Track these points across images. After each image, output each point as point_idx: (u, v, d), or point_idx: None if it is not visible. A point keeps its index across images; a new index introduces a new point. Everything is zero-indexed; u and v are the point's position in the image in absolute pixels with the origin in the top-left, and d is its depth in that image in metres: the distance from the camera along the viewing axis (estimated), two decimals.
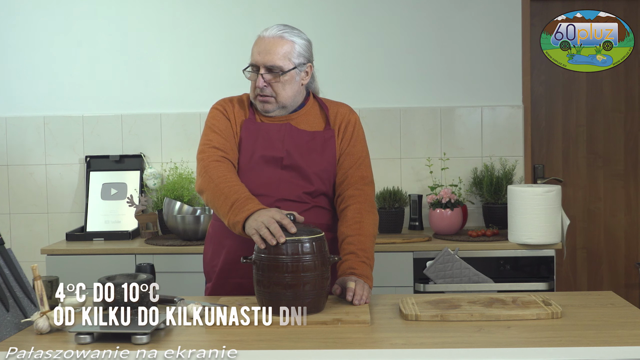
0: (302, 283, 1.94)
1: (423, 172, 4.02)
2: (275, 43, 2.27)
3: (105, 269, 3.30)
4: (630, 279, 4.20)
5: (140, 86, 4.12)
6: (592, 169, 4.19)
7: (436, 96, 4.05)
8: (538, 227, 3.35)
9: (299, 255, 1.95)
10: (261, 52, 2.28)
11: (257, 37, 2.32)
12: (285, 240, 1.95)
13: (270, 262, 1.96)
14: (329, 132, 2.36)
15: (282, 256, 1.95)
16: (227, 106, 2.38)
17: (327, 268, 2.01)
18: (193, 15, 4.10)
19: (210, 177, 2.21)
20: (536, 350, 1.69)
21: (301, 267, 1.94)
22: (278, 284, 1.94)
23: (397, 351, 1.72)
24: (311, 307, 1.95)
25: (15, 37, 4.13)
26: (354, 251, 2.22)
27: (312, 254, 1.97)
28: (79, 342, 1.77)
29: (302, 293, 1.94)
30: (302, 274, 1.94)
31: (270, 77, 2.28)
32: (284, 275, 1.94)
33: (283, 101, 2.32)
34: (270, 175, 2.30)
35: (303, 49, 2.32)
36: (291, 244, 1.96)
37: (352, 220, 2.28)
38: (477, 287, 3.37)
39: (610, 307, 2.07)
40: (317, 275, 1.97)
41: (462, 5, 4.03)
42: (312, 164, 2.32)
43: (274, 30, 2.29)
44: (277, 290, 1.94)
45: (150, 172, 3.99)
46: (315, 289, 1.97)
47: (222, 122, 2.34)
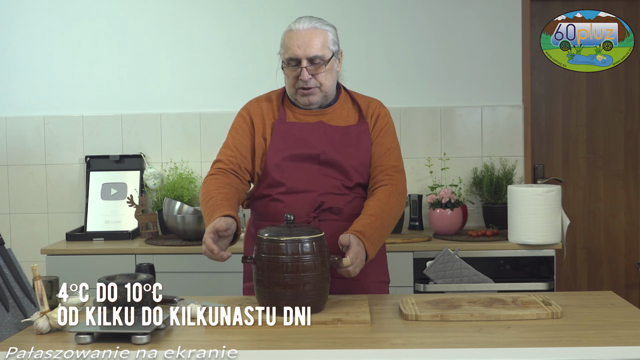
0: (302, 283, 1.94)
1: (423, 172, 4.02)
2: (312, 34, 2.33)
3: (105, 269, 3.30)
4: (630, 279, 4.20)
5: (140, 86, 4.12)
6: (592, 169, 4.19)
7: (436, 96, 4.05)
8: (538, 227, 3.35)
9: (299, 255, 1.95)
10: (300, 45, 2.31)
11: (287, 32, 2.36)
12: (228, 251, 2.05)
13: (270, 262, 1.96)
14: (363, 126, 2.40)
15: (282, 256, 1.95)
16: (253, 109, 2.42)
17: (327, 268, 2.02)
18: (193, 15, 4.10)
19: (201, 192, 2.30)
20: (536, 350, 1.69)
21: (301, 267, 1.95)
22: (278, 284, 1.95)
23: (397, 351, 1.72)
24: (311, 307, 1.95)
25: (15, 37, 4.13)
26: (372, 214, 2.24)
27: (312, 254, 1.97)
28: (79, 342, 1.77)
29: (302, 293, 1.95)
30: (302, 274, 1.94)
31: (313, 68, 2.32)
32: (284, 275, 1.94)
33: (326, 90, 2.37)
34: (309, 171, 2.33)
35: (335, 37, 2.41)
36: (291, 244, 1.96)
37: (379, 196, 2.31)
38: (477, 287, 3.37)
39: (610, 307, 2.07)
40: (317, 275, 1.97)
41: (462, 5, 4.03)
42: (349, 158, 2.34)
43: (306, 22, 2.36)
44: (277, 290, 1.95)
45: (150, 172, 3.99)
46: (315, 289, 1.97)
47: (240, 131, 2.40)
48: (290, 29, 2.36)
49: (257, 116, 2.40)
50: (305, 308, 1.89)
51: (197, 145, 4.08)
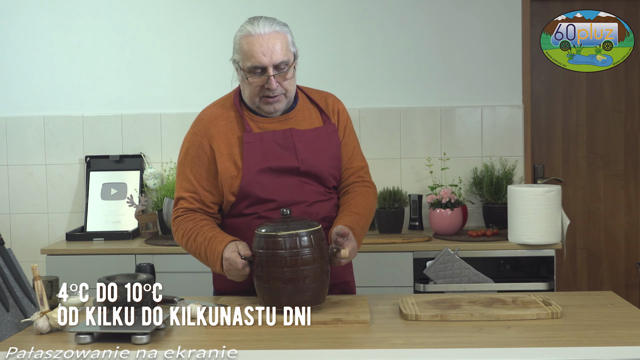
0: (302, 277, 1.95)
1: (423, 172, 4.02)
2: (274, 38, 2.16)
3: (105, 269, 3.30)
4: (630, 279, 4.20)
5: (140, 86, 4.12)
6: (592, 169, 4.19)
7: (436, 96, 4.05)
8: (538, 227, 3.35)
9: (298, 249, 1.95)
10: (266, 52, 2.14)
11: (245, 36, 2.17)
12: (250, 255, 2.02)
13: (269, 257, 1.96)
14: (331, 127, 2.31)
15: (281, 251, 1.95)
16: (210, 130, 2.22)
17: (326, 261, 2.02)
18: (193, 15, 4.10)
19: (179, 234, 2.22)
20: (536, 350, 1.69)
21: (300, 260, 1.95)
22: (277, 278, 1.95)
23: (397, 351, 1.72)
24: (312, 300, 1.96)
25: (15, 37, 4.13)
26: (358, 212, 2.23)
27: (310, 247, 1.97)
28: (79, 342, 1.77)
29: (302, 287, 1.95)
30: (301, 267, 1.95)
31: (280, 76, 2.17)
32: (283, 270, 1.95)
33: (291, 95, 2.23)
34: (292, 182, 2.22)
35: (292, 37, 2.25)
36: (289, 239, 1.95)
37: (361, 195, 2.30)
38: (477, 287, 3.37)
39: (610, 307, 2.07)
40: (317, 268, 1.97)
41: (462, 5, 4.03)
42: (324, 164, 2.26)
43: (266, 25, 2.17)
44: (277, 284, 1.95)
45: (150, 172, 3.99)
46: (315, 282, 1.97)
47: (197, 161, 2.22)
48: (250, 34, 2.17)
49: (216, 137, 2.20)
50: (305, 308, 1.89)
51: None
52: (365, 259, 3.45)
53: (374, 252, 3.47)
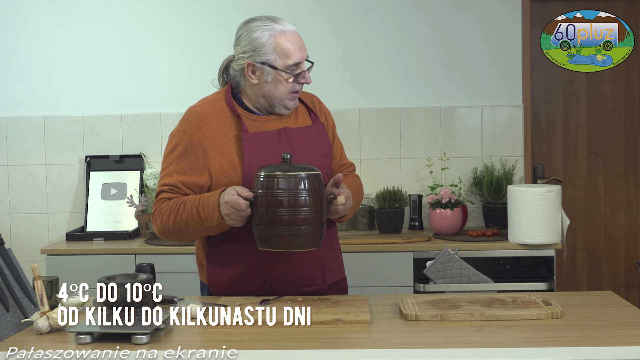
0: (299, 219, 1.99)
1: (423, 172, 4.02)
2: (298, 34, 2.21)
3: (105, 269, 3.29)
4: (630, 279, 4.20)
5: (140, 86, 4.12)
6: (592, 169, 4.19)
7: (436, 96, 4.06)
8: (538, 227, 3.35)
9: (296, 191, 1.99)
10: (300, 47, 2.17)
11: (280, 34, 2.16)
12: (252, 195, 2.02)
13: (268, 198, 2.00)
14: (321, 126, 2.32)
15: (279, 191, 1.99)
16: (203, 130, 2.18)
17: (324, 206, 2.06)
18: (193, 15, 4.10)
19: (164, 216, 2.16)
20: (536, 350, 1.69)
21: (298, 202, 1.99)
22: (275, 220, 1.99)
23: (397, 351, 1.72)
24: (308, 243, 2.02)
25: (15, 37, 4.13)
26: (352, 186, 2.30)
27: (308, 190, 2.00)
28: (79, 342, 1.77)
29: (299, 229, 2.00)
30: (299, 209, 1.99)
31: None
32: (281, 211, 1.99)
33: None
34: None
35: None
36: (288, 180, 1.99)
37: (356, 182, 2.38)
38: (477, 287, 3.37)
39: (610, 307, 2.07)
40: (314, 211, 2.01)
41: (462, 5, 4.03)
42: (318, 162, 2.25)
43: (286, 22, 2.21)
44: (274, 226, 2.00)
45: (150, 172, 3.99)
46: (312, 225, 2.01)
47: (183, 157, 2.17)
48: (283, 31, 2.17)
49: (208, 135, 2.17)
50: (306, 308, 1.89)
51: None
52: (365, 259, 3.45)
53: (374, 252, 3.47)
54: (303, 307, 1.89)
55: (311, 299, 2.14)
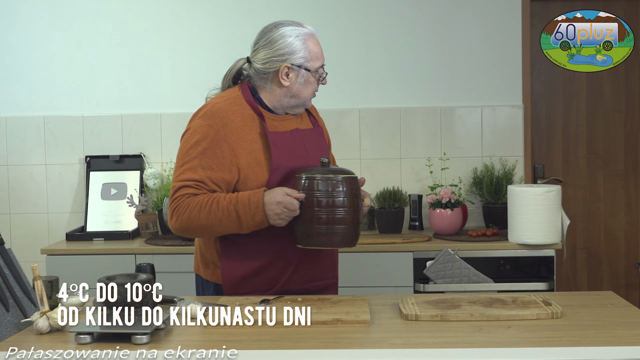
0: (336, 219, 2.12)
1: (423, 172, 4.02)
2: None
3: (105, 269, 3.29)
4: (630, 279, 4.20)
5: (140, 86, 4.12)
6: (592, 169, 4.19)
7: (436, 96, 4.06)
8: (538, 227, 3.35)
9: (333, 192, 2.13)
10: (322, 50, 2.32)
11: (310, 36, 2.27)
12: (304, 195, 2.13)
13: (307, 199, 2.12)
14: (319, 129, 2.40)
15: (317, 193, 2.12)
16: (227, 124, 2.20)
17: (359, 207, 2.17)
18: (193, 15, 4.10)
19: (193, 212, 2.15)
20: (536, 350, 1.69)
21: (334, 202, 2.12)
22: (313, 219, 2.12)
23: (397, 351, 1.72)
24: (344, 242, 2.15)
25: (15, 37, 4.13)
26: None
27: (344, 192, 2.13)
28: (79, 342, 1.77)
29: (335, 228, 2.13)
30: (335, 209, 2.12)
31: None
32: (319, 211, 2.11)
33: None
34: None
35: None
36: (326, 182, 2.13)
37: None
38: (477, 287, 3.37)
39: (610, 307, 2.07)
40: (350, 212, 2.14)
41: (462, 5, 4.03)
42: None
43: (309, 26, 2.31)
44: (313, 226, 2.12)
45: (150, 172, 3.99)
46: (347, 225, 2.14)
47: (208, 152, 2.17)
48: (310, 34, 2.28)
49: (233, 133, 2.20)
50: (306, 308, 1.89)
51: None
52: (365, 259, 3.45)
53: (374, 252, 3.47)
54: (303, 307, 1.89)
55: (311, 298, 2.15)
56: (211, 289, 2.34)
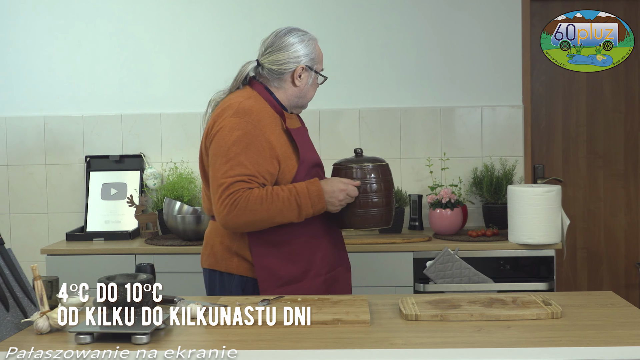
0: (371, 202, 2.39)
1: (423, 172, 4.02)
2: None
3: (105, 269, 3.30)
4: (630, 279, 4.20)
5: (140, 86, 4.12)
6: (592, 169, 4.19)
7: (436, 96, 4.06)
8: (538, 227, 3.35)
9: (367, 179, 2.40)
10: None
11: (316, 42, 2.47)
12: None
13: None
14: (305, 129, 2.57)
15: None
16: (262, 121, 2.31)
17: (391, 190, 2.46)
18: (193, 15, 4.10)
19: (255, 205, 2.24)
20: (536, 350, 1.70)
21: (369, 188, 2.40)
22: (351, 204, 2.38)
23: (397, 351, 1.72)
24: (381, 222, 2.43)
25: (15, 37, 4.13)
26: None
27: (377, 177, 2.41)
28: (79, 342, 1.78)
29: (371, 211, 2.39)
30: (369, 193, 2.39)
31: None
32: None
33: None
34: (320, 176, 2.50)
35: None
36: (360, 170, 2.41)
37: None
38: (477, 287, 3.37)
39: (610, 307, 2.07)
40: (383, 195, 2.42)
41: (462, 5, 4.03)
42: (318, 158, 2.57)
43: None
44: (351, 209, 2.39)
45: (150, 172, 3.99)
46: (382, 207, 2.42)
47: (251, 147, 2.27)
48: (316, 39, 2.48)
49: (267, 129, 2.31)
50: (306, 308, 1.89)
51: (197, 145, 4.07)
52: (365, 259, 3.45)
53: (374, 252, 3.47)
54: (303, 307, 1.89)
55: (311, 298, 2.15)
56: (234, 281, 2.34)
